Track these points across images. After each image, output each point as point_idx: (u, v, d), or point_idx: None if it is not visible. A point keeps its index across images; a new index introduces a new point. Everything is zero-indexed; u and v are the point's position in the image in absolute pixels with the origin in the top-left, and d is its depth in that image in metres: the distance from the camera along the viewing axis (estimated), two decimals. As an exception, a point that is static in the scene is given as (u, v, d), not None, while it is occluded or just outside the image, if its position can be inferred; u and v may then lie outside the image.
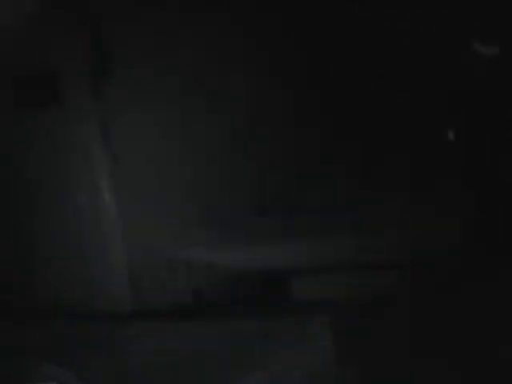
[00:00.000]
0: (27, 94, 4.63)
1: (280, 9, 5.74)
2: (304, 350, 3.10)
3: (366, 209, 5.26)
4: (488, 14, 6.40)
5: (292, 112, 6.20)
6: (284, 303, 4.58)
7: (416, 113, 6.69)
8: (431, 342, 3.88)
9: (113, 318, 3.75)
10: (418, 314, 4.13)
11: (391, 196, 5.60)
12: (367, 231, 4.89)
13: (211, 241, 4.95)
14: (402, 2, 6.14)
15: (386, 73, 6.42)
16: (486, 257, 4.53)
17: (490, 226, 4.93)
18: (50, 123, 4.72)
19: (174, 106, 5.21)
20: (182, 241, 4.92)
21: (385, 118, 6.77)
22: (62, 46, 4.65)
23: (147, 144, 5.00)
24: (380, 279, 4.73)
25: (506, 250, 4.64)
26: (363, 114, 6.82)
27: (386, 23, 6.32)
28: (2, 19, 4.61)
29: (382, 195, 5.61)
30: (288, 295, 4.65)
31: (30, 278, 4.72)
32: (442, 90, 6.67)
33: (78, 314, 3.94)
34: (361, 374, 3.77)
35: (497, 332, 3.84)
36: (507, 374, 3.67)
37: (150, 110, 5.04)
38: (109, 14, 4.76)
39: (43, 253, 4.82)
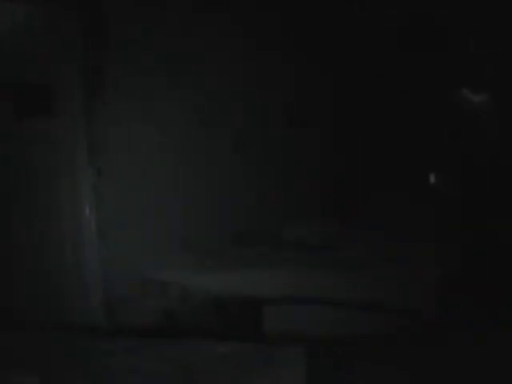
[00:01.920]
0: (22, 103, 4.66)
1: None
2: (274, 379, 3.12)
3: (344, 249, 5.35)
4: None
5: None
6: (256, 331, 4.60)
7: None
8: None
9: (86, 333, 3.74)
10: (390, 354, 4.21)
11: (372, 240, 5.71)
12: (343, 270, 4.96)
13: (187, 265, 4.99)
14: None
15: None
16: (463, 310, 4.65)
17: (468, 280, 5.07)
18: (41, 132, 4.75)
19: (160, 133, 5.28)
20: (158, 263, 4.95)
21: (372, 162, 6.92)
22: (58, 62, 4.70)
23: (132, 163, 5.05)
24: (354, 317, 4.80)
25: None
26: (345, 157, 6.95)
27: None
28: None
29: (363, 238, 5.72)
30: (260, 323, 4.69)
31: (8, 293, 4.71)
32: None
33: (53, 328, 3.92)
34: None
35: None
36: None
37: (138, 133, 5.10)
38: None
39: (21, 268, 4.81)
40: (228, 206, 5.75)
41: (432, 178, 7.17)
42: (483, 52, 6.81)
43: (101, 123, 4.85)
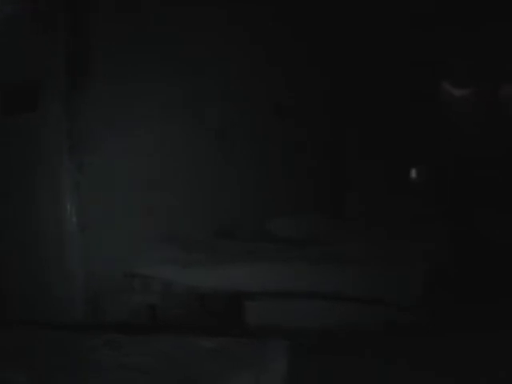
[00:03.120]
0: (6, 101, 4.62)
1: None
2: (258, 372, 3.13)
3: (329, 244, 5.36)
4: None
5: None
6: (241, 325, 4.61)
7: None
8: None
9: (70, 329, 3.73)
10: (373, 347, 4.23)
11: (356, 236, 5.72)
12: (329, 264, 4.98)
13: (171, 259, 4.98)
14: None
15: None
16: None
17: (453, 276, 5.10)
18: (21, 128, 4.71)
19: (143, 128, 5.26)
20: (141, 258, 4.94)
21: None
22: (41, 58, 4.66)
23: (114, 158, 5.02)
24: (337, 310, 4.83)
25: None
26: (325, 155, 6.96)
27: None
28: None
29: (347, 235, 5.73)
30: (245, 317, 4.71)
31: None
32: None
33: (38, 324, 3.91)
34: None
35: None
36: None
37: (121, 132, 5.07)
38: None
39: (3, 265, 4.77)
40: (213, 200, 5.75)
41: (418, 174, 7.24)
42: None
43: (82, 120, 4.83)
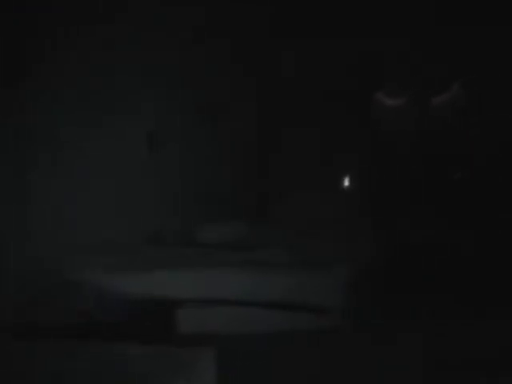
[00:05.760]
0: None
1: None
2: (185, 380, 3.19)
3: (258, 249, 5.44)
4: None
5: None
6: (172, 332, 4.67)
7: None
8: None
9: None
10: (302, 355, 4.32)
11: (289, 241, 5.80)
12: (257, 270, 5.05)
13: (104, 265, 5.01)
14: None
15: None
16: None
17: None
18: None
19: (81, 131, 5.27)
20: (75, 263, 4.96)
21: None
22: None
23: (53, 160, 5.02)
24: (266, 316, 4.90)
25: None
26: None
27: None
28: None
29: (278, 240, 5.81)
30: (175, 324, 4.76)
31: None
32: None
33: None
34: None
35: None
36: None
37: (61, 129, 5.07)
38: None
39: None
40: (145, 206, 5.78)
41: (344, 179, 7.37)
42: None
43: (26, 117, 4.83)
